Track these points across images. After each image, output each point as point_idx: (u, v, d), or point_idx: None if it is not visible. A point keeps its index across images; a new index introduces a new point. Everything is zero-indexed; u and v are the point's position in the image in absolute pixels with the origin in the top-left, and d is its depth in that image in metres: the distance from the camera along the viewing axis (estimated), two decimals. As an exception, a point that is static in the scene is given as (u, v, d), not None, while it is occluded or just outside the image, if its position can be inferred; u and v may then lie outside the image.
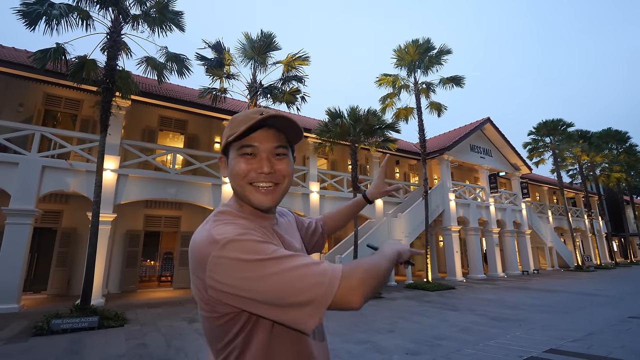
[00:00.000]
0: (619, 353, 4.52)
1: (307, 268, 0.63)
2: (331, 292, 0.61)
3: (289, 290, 0.61)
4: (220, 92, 10.33)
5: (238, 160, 0.79)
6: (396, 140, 13.07)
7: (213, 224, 0.73)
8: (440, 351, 4.70)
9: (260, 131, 0.79)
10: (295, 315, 0.62)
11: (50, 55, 7.17)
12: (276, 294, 0.61)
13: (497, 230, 17.66)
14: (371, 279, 0.66)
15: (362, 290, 0.63)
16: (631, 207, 31.80)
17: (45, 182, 8.27)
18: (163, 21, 8.36)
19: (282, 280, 0.61)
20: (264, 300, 0.62)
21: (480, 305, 8.51)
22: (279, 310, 0.62)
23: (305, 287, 0.61)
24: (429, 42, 13.83)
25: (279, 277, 0.61)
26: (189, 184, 10.41)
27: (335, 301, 0.62)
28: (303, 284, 0.61)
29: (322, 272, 0.63)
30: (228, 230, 0.68)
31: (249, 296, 0.62)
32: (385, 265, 0.73)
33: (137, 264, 11.36)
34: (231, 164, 0.80)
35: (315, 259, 0.66)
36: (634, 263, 26.31)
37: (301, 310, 0.61)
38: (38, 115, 10.40)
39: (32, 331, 5.63)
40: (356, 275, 0.64)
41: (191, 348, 4.95)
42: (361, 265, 0.67)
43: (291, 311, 0.62)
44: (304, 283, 0.61)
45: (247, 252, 0.63)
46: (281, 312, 0.62)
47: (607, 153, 25.82)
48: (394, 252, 0.83)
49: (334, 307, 0.63)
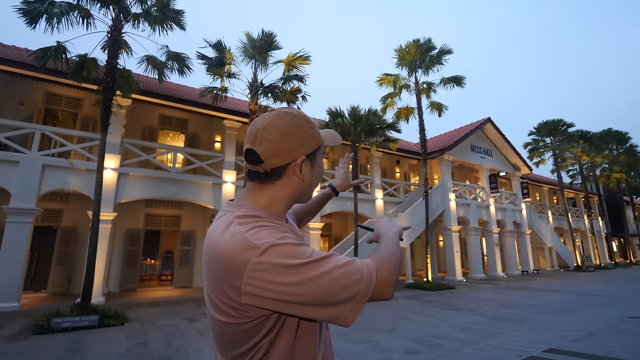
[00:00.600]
0: (618, 353, 4.53)
1: (344, 267, 0.65)
2: (370, 287, 0.66)
3: (332, 290, 0.63)
4: (221, 91, 10.32)
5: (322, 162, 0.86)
6: (397, 140, 13.07)
7: (243, 228, 0.69)
8: (441, 350, 4.70)
9: None
10: (338, 312, 0.65)
11: (51, 54, 7.16)
12: (321, 295, 0.63)
13: (497, 230, 17.67)
14: (396, 268, 0.71)
15: (393, 281, 0.69)
16: (631, 207, 31.81)
17: (46, 180, 8.27)
18: (164, 20, 8.36)
19: (325, 281, 0.63)
20: (309, 302, 0.64)
21: (480, 305, 8.52)
22: (321, 309, 0.65)
23: (347, 286, 0.64)
24: (430, 42, 13.82)
25: (322, 280, 0.63)
26: (190, 183, 10.41)
27: (373, 295, 0.67)
28: (344, 283, 0.64)
29: (359, 270, 0.66)
30: (265, 235, 0.67)
31: (295, 300, 0.63)
32: (399, 251, 0.78)
33: (137, 263, 11.37)
34: (319, 167, 0.85)
35: (347, 257, 0.68)
36: (633, 263, 26.31)
37: (343, 307, 0.65)
38: (38, 114, 10.40)
39: (33, 330, 5.63)
40: (386, 267, 0.69)
41: (192, 347, 4.96)
42: (386, 256, 0.72)
43: (334, 308, 0.65)
44: (345, 282, 0.64)
45: (288, 257, 0.64)
46: (323, 310, 0.65)
47: (608, 153, 25.84)
48: (397, 235, 0.86)
49: (371, 300, 0.67)
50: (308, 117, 0.82)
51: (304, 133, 0.78)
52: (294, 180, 0.79)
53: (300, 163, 0.78)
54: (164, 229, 12.40)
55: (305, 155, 0.79)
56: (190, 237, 12.18)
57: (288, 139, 0.76)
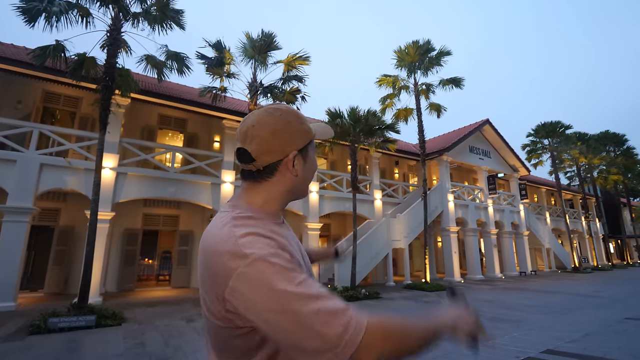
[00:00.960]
0: (615, 354, 4.54)
1: (332, 315, 0.58)
2: (352, 346, 0.57)
3: (307, 334, 0.57)
4: (221, 91, 10.31)
5: (314, 159, 0.85)
6: (396, 140, 13.08)
7: (238, 232, 0.66)
8: (438, 350, 4.70)
9: None
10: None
11: (49, 52, 7.15)
12: (293, 334, 0.58)
13: (495, 232, 17.71)
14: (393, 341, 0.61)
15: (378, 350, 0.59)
16: (628, 209, 31.96)
17: (43, 180, 8.24)
18: (163, 19, 8.34)
19: (303, 322, 0.57)
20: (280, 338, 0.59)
21: (478, 306, 8.53)
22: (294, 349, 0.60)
23: (326, 335, 0.57)
24: (429, 44, 13.86)
25: (301, 318, 0.57)
26: (188, 183, 10.39)
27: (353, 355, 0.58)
28: (324, 331, 0.57)
29: (347, 323, 0.58)
30: (258, 245, 0.63)
31: (264, 328, 0.60)
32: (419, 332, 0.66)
33: (135, 263, 11.33)
34: (311, 162, 0.83)
35: (341, 302, 0.61)
36: (630, 265, 26.43)
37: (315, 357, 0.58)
38: (37, 113, 10.36)
39: (29, 330, 5.60)
40: (378, 331, 0.60)
41: (189, 347, 4.94)
42: (388, 322, 0.62)
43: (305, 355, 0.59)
44: (326, 330, 0.57)
45: (274, 279, 0.59)
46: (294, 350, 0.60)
47: (605, 155, 25.96)
48: (445, 320, 0.73)
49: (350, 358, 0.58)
50: (297, 112, 0.81)
51: (293, 128, 0.78)
52: (287, 177, 0.78)
53: (293, 159, 0.76)
54: (162, 228, 12.36)
55: (297, 150, 0.78)
56: (189, 237, 12.15)
57: (278, 135, 0.75)
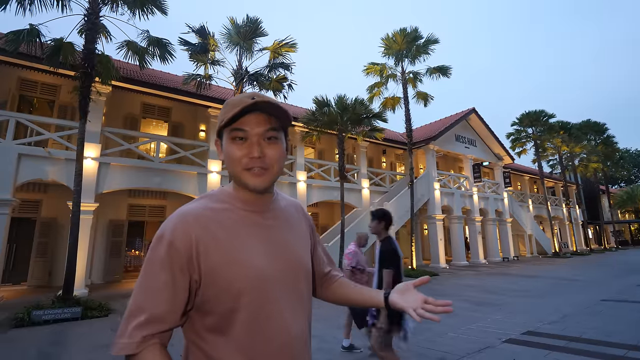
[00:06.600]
0: (591, 334, 4.76)
1: (127, 320, 0.72)
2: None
3: (129, 310, 0.72)
4: (205, 78, 10.08)
5: (230, 145, 0.79)
6: (383, 129, 13.13)
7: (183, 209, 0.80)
8: (424, 335, 4.84)
9: (251, 115, 0.79)
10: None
11: (23, 37, 6.82)
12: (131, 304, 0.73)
13: (480, 219, 18.12)
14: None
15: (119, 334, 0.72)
16: (607, 196, 33.06)
17: (22, 170, 7.98)
18: (144, 3, 8.03)
19: (132, 300, 0.73)
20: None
21: (463, 291, 8.77)
22: None
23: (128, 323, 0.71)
24: (416, 32, 13.80)
25: (133, 298, 0.73)
26: (174, 173, 10.23)
27: None
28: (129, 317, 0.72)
29: (124, 331, 0.71)
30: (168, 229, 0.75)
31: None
32: None
33: (121, 254, 11.19)
34: (225, 148, 0.81)
35: (158, 283, 0.72)
36: (607, 249, 27.51)
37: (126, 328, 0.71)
38: (12, 101, 9.94)
39: (13, 323, 5.50)
40: None
41: (176, 335, 4.93)
42: None
43: None
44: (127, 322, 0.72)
45: (147, 260, 0.75)
46: None
47: (586, 144, 26.63)
48: None
49: None
50: (232, 100, 0.80)
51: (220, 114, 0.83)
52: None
53: (215, 144, 0.88)
54: (148, 219, 12.20)
55: (217, 136, 0.85)
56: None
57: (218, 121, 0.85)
